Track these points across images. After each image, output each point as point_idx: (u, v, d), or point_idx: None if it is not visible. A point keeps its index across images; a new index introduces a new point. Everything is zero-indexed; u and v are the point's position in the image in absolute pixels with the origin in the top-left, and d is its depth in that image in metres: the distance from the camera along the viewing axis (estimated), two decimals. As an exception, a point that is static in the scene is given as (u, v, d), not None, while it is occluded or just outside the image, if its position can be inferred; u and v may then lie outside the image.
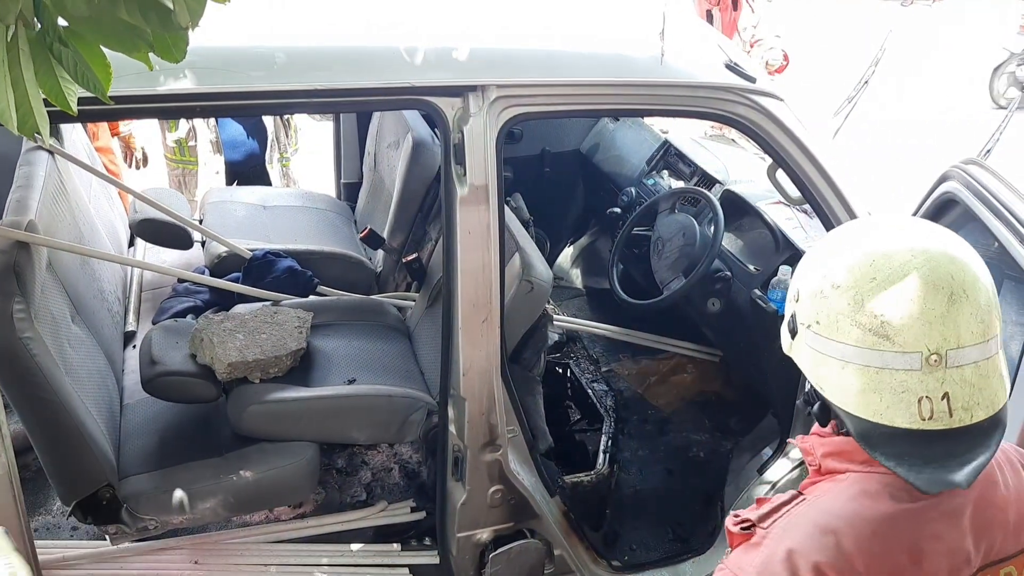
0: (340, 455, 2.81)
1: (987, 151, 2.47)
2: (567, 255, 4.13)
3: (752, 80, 2.20)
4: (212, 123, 4.32)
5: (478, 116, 1.98)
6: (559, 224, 3.97)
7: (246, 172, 4.46)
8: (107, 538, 2.36)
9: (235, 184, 4.34)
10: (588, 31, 2.35)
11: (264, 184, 4.42)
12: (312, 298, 3.10)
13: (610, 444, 2.95)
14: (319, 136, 5.19)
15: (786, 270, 2.69)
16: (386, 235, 3.30)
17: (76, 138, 3.09)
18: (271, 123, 4.49)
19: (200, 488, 2.32)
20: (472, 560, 2.43)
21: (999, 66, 8.59)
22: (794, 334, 1.15)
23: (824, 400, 1.13)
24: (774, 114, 2.19)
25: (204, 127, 4.34)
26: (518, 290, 2.41)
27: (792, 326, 1.16)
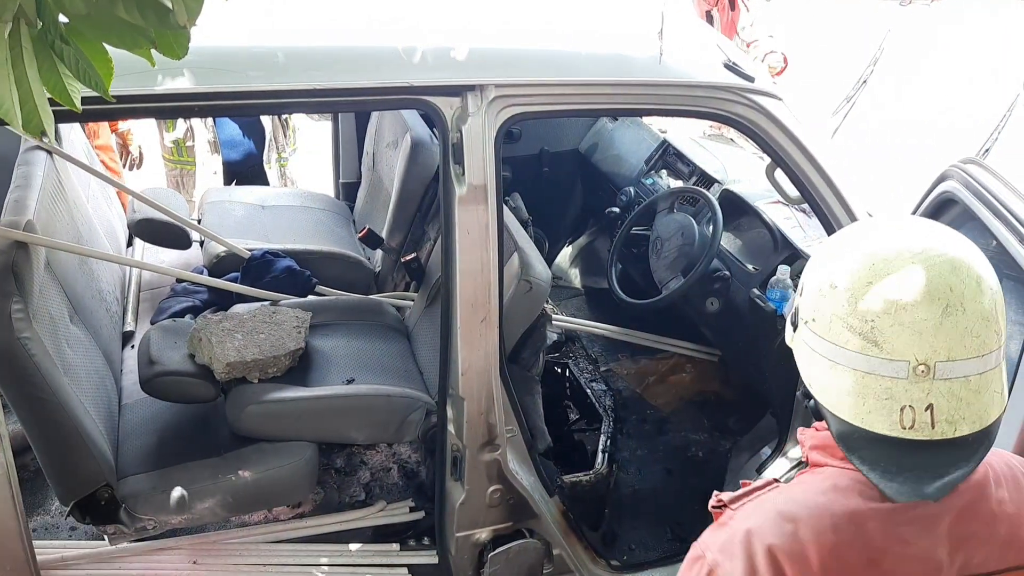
0: (339, 455, 2.81)
1: (986, 150, 2.48)
2: (566, 255, 4.13)
3: (751, 79, 2.20)
4: (210, 123, 4.32)
5: (476, 116, 1.98)
6: (558, 224, 3.97)
7: (244, 172, 4.45)
8: (105, 538, 2.36)
9: (233, 184, 4.34)
10: (587, 30, 2.35)
11: (262, 184, 4.42)
12: (311, 298, 3.10)
13: (609, 444, 2.95)
14: (317, 136, 5.18)
15: (785, 269, 2.70)
16: (385, 235, 3.30)
17: (74, 138, 3.09)
18: (269, 123, 4.48)
19: (198, 488, 2.32)
20: (471, 560, 2.43)
21: None
22: (796, 327, 1.16)
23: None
24: (773, 113, 2.19)
25: (202, 127, 4.34)
26: (517, 290, 2.41)
27: (794, 319, 1.16)
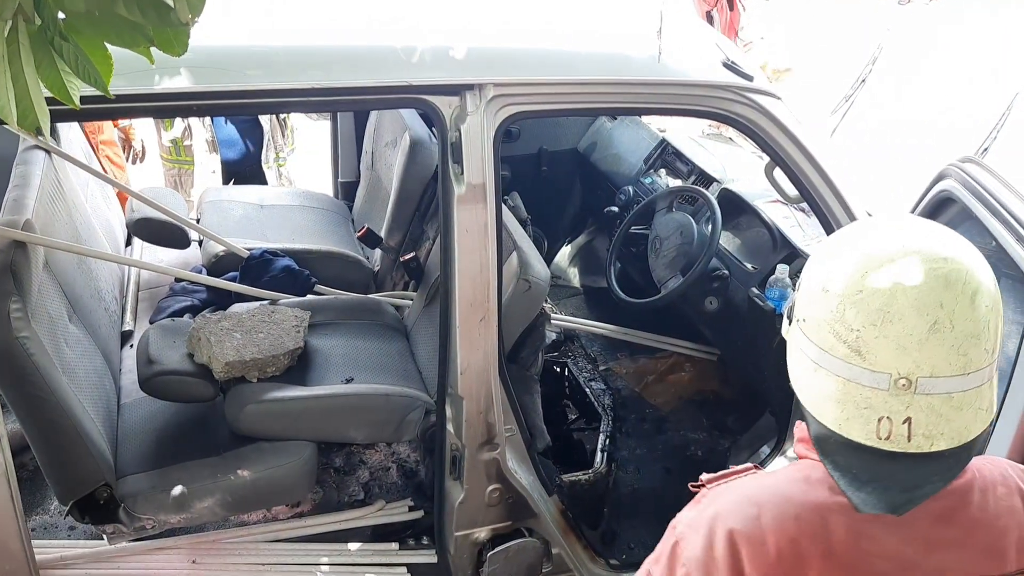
0: (338, 454, 2.80)
1: (984, 149, 2.48)
2: (565, 254, 4.13)
3: (750, 79, 2.20)
4: (207, 122, 4.32)
5: (475, 115, 1.98)
6: (557, 223, 3.97)
7: (242, 171, 4.45)
8: (104, 538, 2.36)
9: (231, 183, 4.34)
10: (585, 29, 2.35)
11: (260, 184, 4.42)
12: (310, 297, 3.10)
13: (608, 443, 2.95)
14: (316, 136, 5.18)
15: (783, 268, 2.70)
16: (384, 234, 3.30)
17: (73, 137, 3.09)
18: (267, 123, 4.48)
19: (198, 487, 2.32)
20: (470, 559, 2.43)
21: None
22: (790, 322, 1.16)
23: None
24: (772, 112, 2.19)
25: (200, 126, 4.34)
26: (516, 289, 2.41)
27: (790, 314, 1.15)
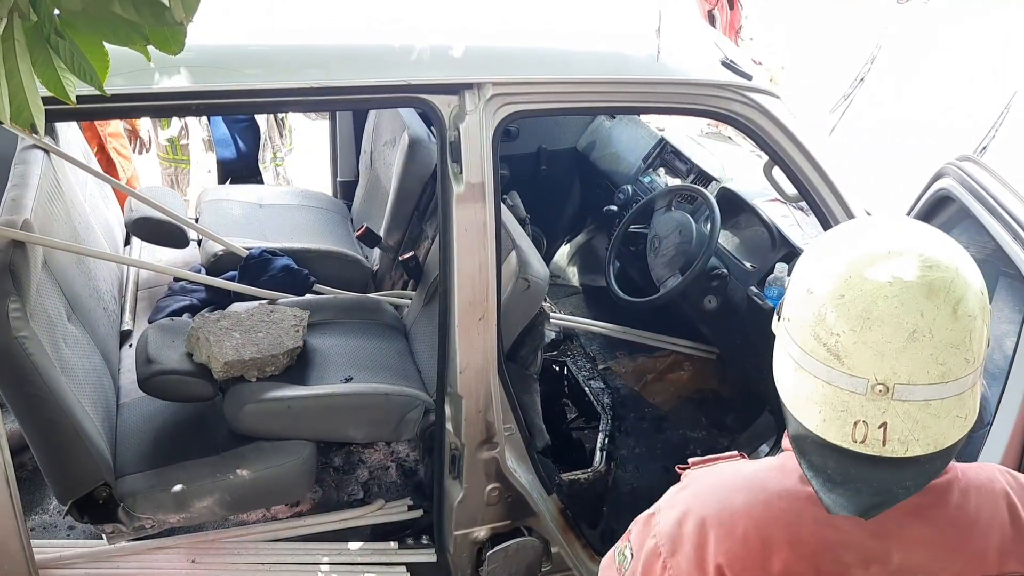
0: (337, 453, 2.80)
1: (983, 147, 2.47)
2: (564, 253, 4.13)
3: (748, 77, 2.20)
4: (204, 121, 4.32)
5: (474, 114, 1.98)
6: (555, 222, 3.97)
7: (239, 171, 4.45)
8: (104, 537, 2.36)
9: (227, 183, 4.33)
10: (584, 28, 2.35)
11: (256, 183, 4.41)
12: (308, 296, 3.10)
13: (607, 442, 2.95)
14: (314, 135, 5.18)
15: (782, 267, 2.70)
16: (382, 233, 3.29)
17: (71, 137, 3.08)
18: (264, 123, 4.48)
19: (197, 487, 2.32)
20: (469, 558, 2.43)
21: None
22: (779, 318, 1.16)
23: None
24: (770, 111, 2.19)
25: (196, 125, 4.34)
26: (515, 288, 2.41)
27: (779, 310, 1.15)
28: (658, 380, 3.48)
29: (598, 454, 2.87)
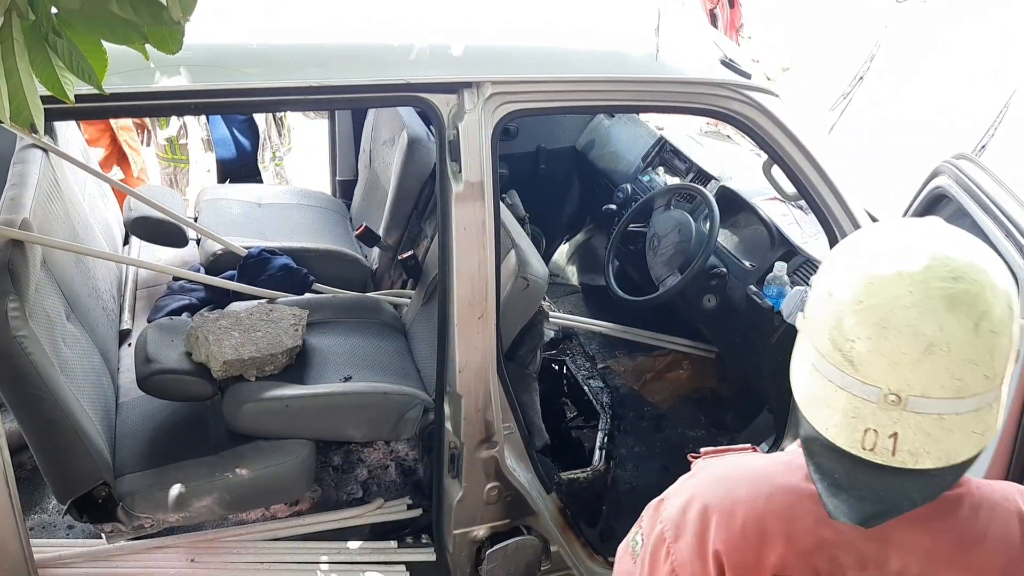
0: (336, 453, 2.80)
1: (983, 146, 2.47)
2: (563, 252, 4.13)
3: (747, 76, 2.20)
4: (203, 121, 4.31)
5: (473, 112, 1.98)
6: (555, 221, 3.97)
7: (237, 170, 4.45)
8: (103, 537, 2.36)
9: (226, 182, 4.33)
10: (583, 27, 2.35)
11: (256, 182, 4.41)
12: (308, 296, 3.10)
13: (606, 440, 2.95)
14: (313, 135, 5.18)
15: (781, 266, 2.70)
16: (382, 232, 3.29)
17: (70, 136, 3.08)
18: (263, 122, 4.47)
19: (196, 486, 2.32)
20: (468, 557, 2.43)
21: None
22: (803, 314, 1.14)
23: None
24: (769, 110, 2.19)
25: (195, 125, 4.33)
26: (514, 287, 2.41)
27: (802, 307, 1.14)
28: (657, 379, 3.48)
29: (597, 453, 2.87)
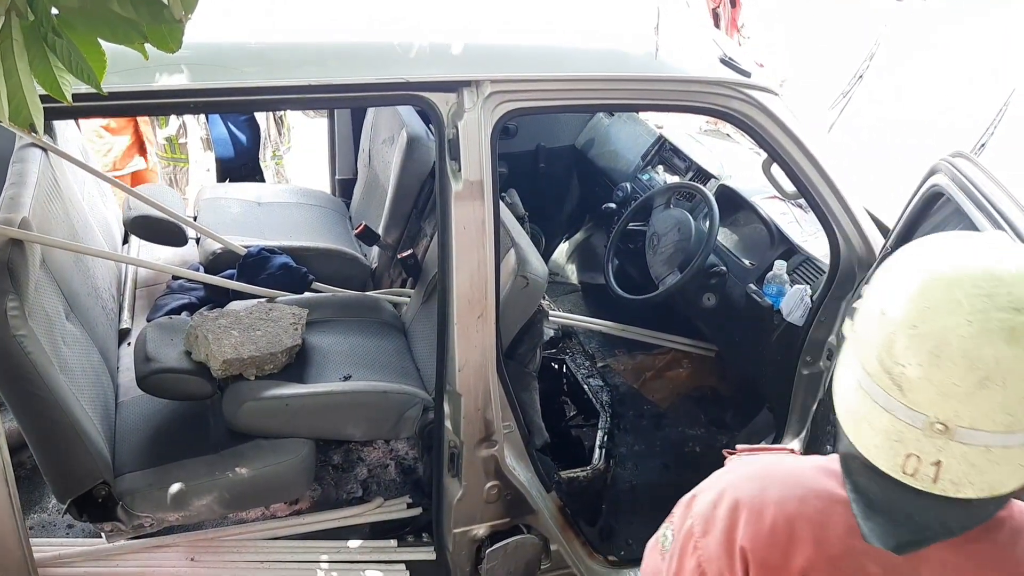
0: (336, 451, 2.81)
1: (982, 145, 2.47)
2: (562, 251, 4.13)
3: (747, 74, 2.20)
4: (203, 120, 4.31)
5: (472, 111, 1.98)
6: (554, 220, 3.97)
7: (237, 169, 4.45)
8: (103, 536, 2.36)
9: (226, 182, 4.33)
10: (583, 26, 2.35)
11: (258, 181, 4.41)
12: (307, 295, 3.10)
13: (606, 439, 2.95)
14: (312, 134, 5.17)
15: (781, 265, 2.70)
16: (381, 231, 3.29)
17: (69, 135, 3.08)
18: (263, 121, 4.47)
19: (196, 485, 2.31)
20: (468, 556, 2.43)
21: None
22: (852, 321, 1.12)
23: None
24: (769, 108, 2.19)
25: (195, 124, 4.33)
26: (513, 286, 2.41)
27: (852, 314, 1.09)
28: (657, 377, 3.49)
29: (597, 452, 2.87)
